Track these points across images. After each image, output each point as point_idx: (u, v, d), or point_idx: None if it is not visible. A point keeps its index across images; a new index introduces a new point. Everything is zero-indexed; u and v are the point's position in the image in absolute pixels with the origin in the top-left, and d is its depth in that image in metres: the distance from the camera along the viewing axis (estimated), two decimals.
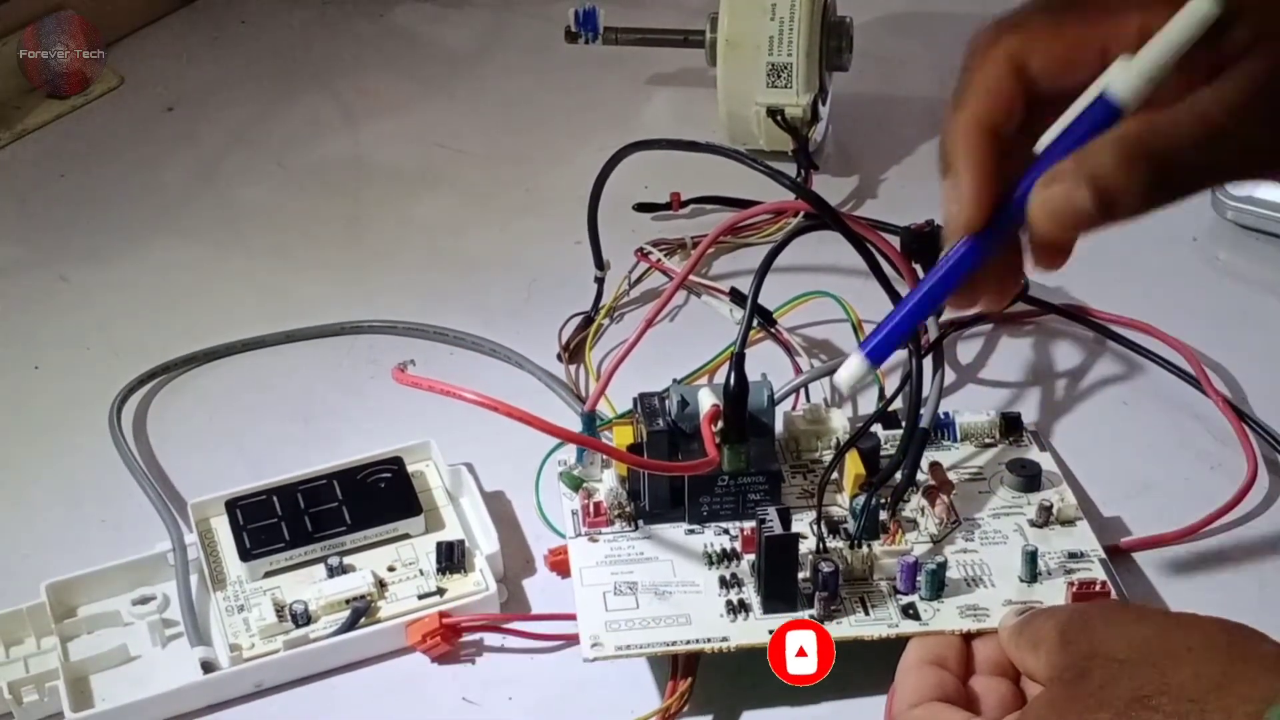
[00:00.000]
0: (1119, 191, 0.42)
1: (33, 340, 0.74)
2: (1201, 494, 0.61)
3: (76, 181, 0.87)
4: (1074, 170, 0.42)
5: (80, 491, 0.64)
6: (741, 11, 0.80)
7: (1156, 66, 0.43)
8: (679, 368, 0.63)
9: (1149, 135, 0.42)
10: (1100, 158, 0.42)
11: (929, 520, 0.56)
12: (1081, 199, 0.42)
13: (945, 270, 0.46)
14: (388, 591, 0.57)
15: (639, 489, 0.57)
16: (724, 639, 0.52)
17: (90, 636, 0.56)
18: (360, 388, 0.70)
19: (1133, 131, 0.42)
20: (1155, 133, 0.42)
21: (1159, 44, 0.43)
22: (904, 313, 0.47)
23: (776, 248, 0.60)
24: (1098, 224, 0.43)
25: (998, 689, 0.49)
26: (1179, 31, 0.42)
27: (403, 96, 0.94)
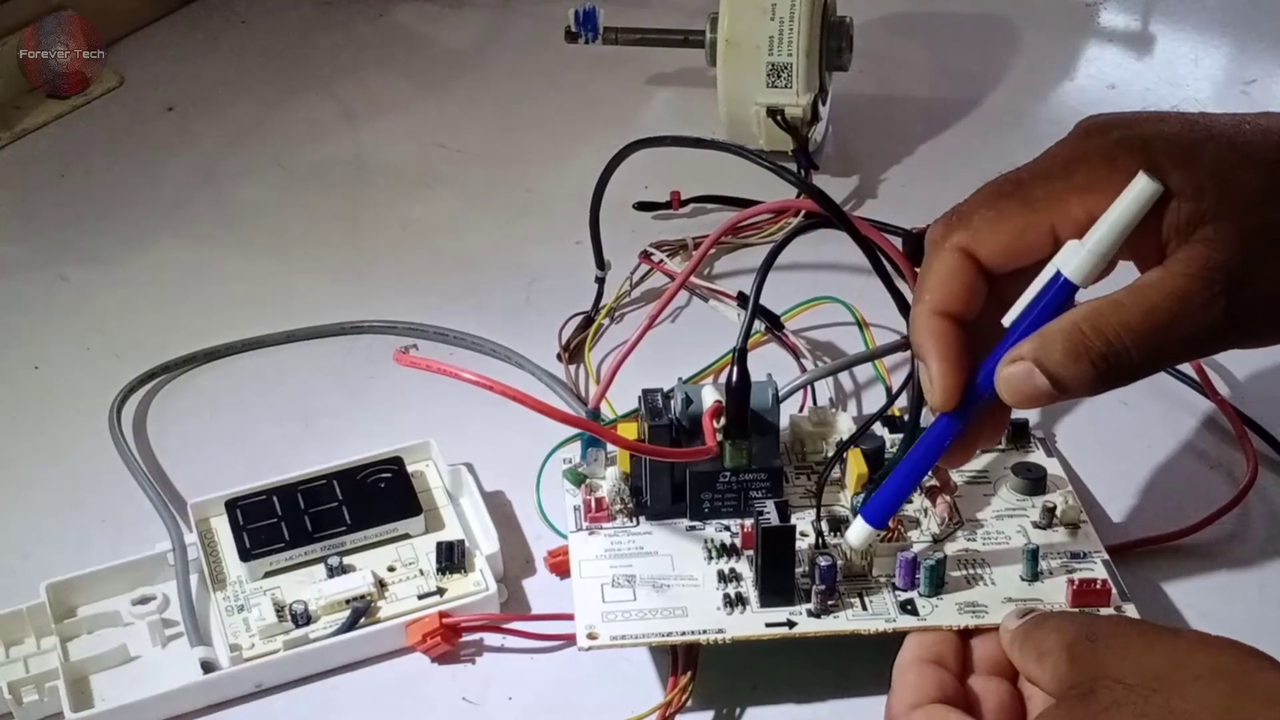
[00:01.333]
0: (1070, 379, 0.46)
1: (33, 340, 0.74)
2: (1201, 494, 0.61)
3: (76, 181, 0.87)
4: (1030, 354, 0.46)
5: (80, 491, 0.64)
6: (741, 11, 0.80)
7: (1105, 246, 0.46)
8: (680, 368, 0.63)
9: (1094, 333, 0.45)
10: (1051, 349, 0.46)
11: (931, 520, 0.56)
12: (1040, 380, 0.46)
13: (930, 443, 0.51)
14: (388, 591, 0.57)
15: (641, 485, 0.57)
16: (720, 631, 0.52)
17: (90, 636, 0.56)
18: (360, 388, 0.70)
19: (1080, 327, 0.46)
20: (1098, 329, 0.45)
21: (1106, 225, 0.46)
22: (897, 482, 0.52)
23: (778, 247, 0.60)
24: (1058, 400, 0.47)
25: (997, 690, 0.49)
26: (1124, 210, 0.46)
27: (403, 96, 0.94)
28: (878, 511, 0.52)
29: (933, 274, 0.49)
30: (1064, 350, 0.46)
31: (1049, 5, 1.02)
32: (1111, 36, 0.98)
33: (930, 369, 0.49)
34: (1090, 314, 0.46)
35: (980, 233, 0.48)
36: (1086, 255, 0.46)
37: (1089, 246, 0.46)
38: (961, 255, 0.48)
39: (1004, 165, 0.87)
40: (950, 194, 0.81)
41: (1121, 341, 0.45)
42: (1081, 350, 0.45)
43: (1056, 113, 0.91)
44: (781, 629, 0.52)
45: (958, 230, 0.48)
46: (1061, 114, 0.90)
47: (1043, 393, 0.46)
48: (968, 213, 0.49)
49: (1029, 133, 0.88)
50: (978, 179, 0.83)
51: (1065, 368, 0.46)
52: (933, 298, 0.49)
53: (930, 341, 0.48)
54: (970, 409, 0.49)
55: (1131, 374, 0.46)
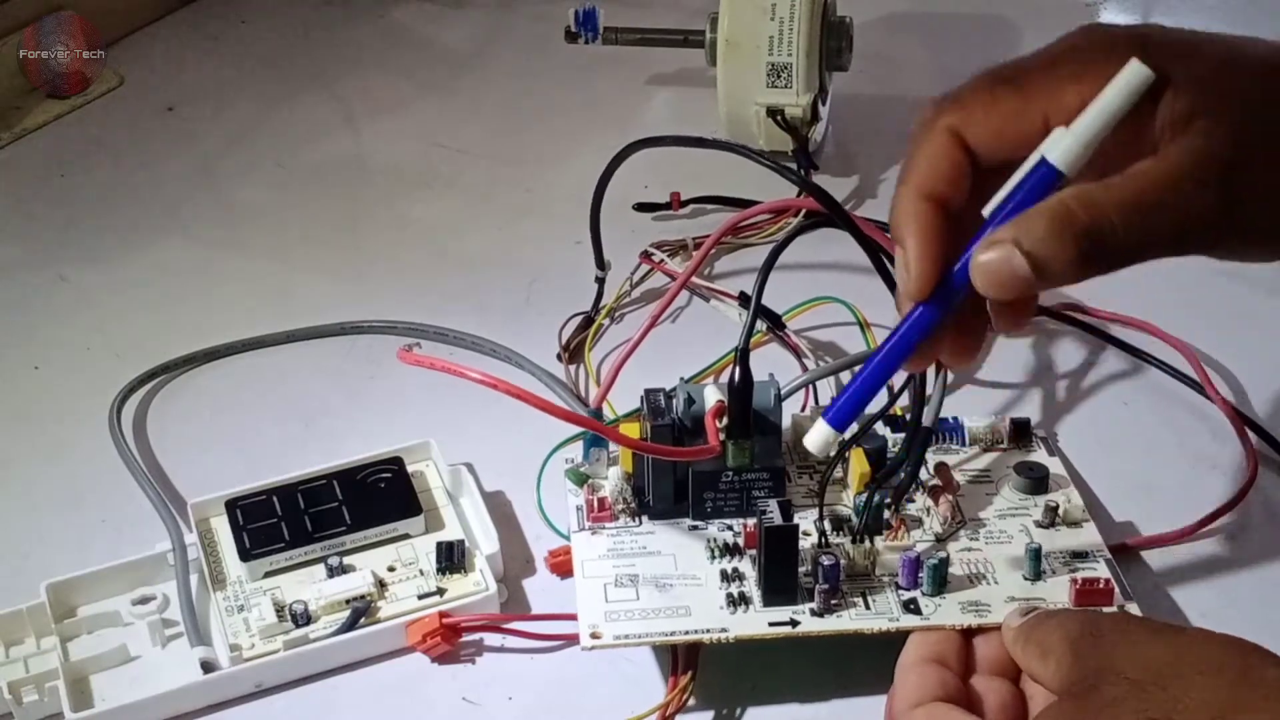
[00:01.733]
0: (1052, 259, 0.43)
1: (33, 340, 0.74)
2: (1201, 494, 0.61)
3: (76, 181, 0.87)
4: (1009, 236, 0.44)
5: (80, 491, 0.64)
6: (741, 11, 0.80)
7: (1093, 131, 0.44)
8: (681, 368, 0.63)
9: (1081, 208, 0.43)
10: (1034, 227, 0.43)
11: (933, 519, 0.56)
12: (1019, 263, 0.43)
13: (899, 336, 0.47)
14: (388, 591, 0.57)
15: (644, 484, 0.57)
16: (723, 630, 0.52)
17: (90, 636, 0.56)
18: (360, 388, 0.70)
19: (1066, 203, 0.43)
20: (1088, 205, 0.43)
21: (1095, 110, 0.45)
22: (862, 379, 0.48)
23: (779, 246, 0.60)
24: (1036, 288, 0.44)
25: (999, 690, 0.49)
26: (1114, 97, 0.44)
27: (403, 96, 0.94)
28: (841, 411, 0.48)
29: (920, 155, 0.47)
30: (1047, 228, 0.43)
31: (1049, 5, 1.02)
32: None
33: (907, 252, 0.46)
34: (1077, 192, 0.43)
35: (972, 115, 0.46)
36: (1072, 140, 0.44)
37: (1076, 131, 0.44)
38: (951, 137, 0.46)
39: None
40: None
41: (1109, 219, 0.43)
42: (1066, 226, 0.43)
43: None
44: (785, 628, 0.52)
45: (949, 112, 0.46)
46: None
47: (1020, 278, 0.44)
48: (961, 95, 0.47)
49: None
50: None
51: (1047, 246, 0.43)
52: (918, 179, 0.46)
53: (911, 224, 0.46)
54: (948, 300, 0.46)
55: (1115, 258, 0.44)
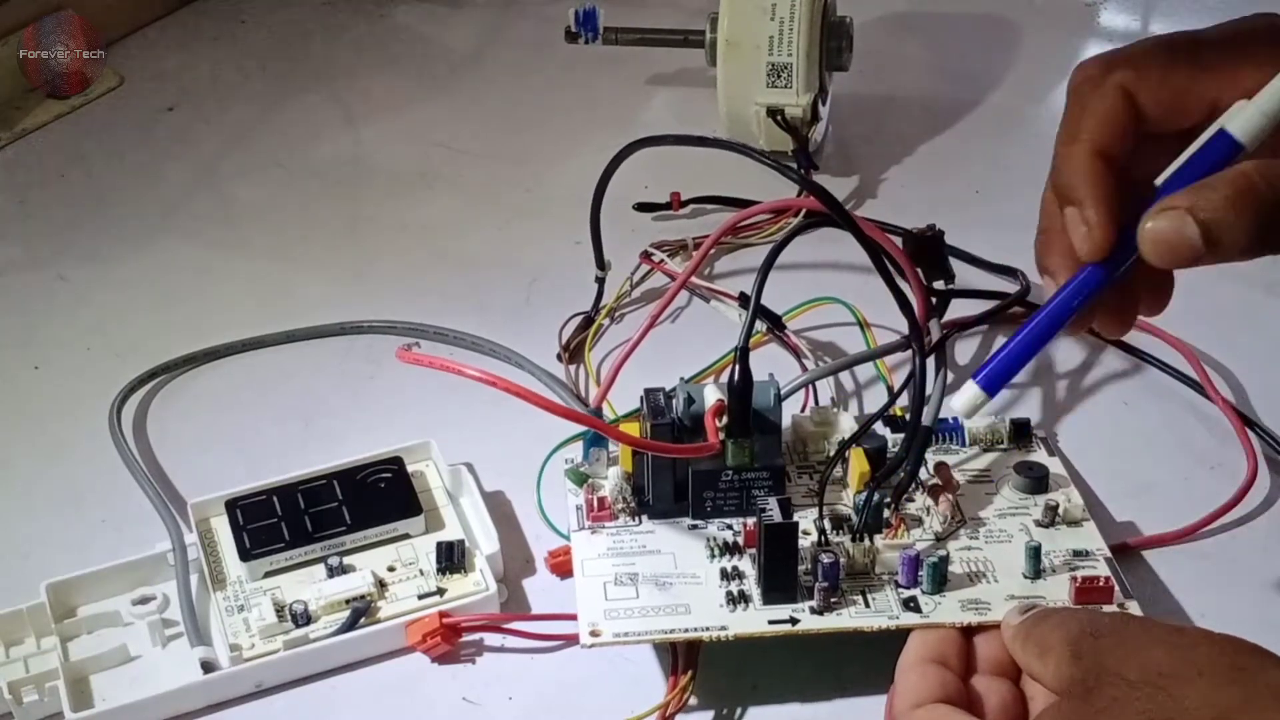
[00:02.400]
0: (1226, 229, 0.42)
1: (33, 340, 0.74)
2: (1201, 494, 0.61)
3: (76, 181, 0.87)
4: (1185, 203, 0.42)
5: (80, 491, 0.64)
6: (741, 11, 0.80)
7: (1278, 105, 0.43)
8: (681, 368, 0.63)
9: (1263, 178, 0.42)
10: (1211, 195, 0.42)
11: (934, 518, 0.56)
12: (1191, 232, 0.42)
13: (1062, 298, 0.46)
14: (388, 591, 0.57)
15: (644, 484, 0.57)
16: (723, 628, 0.52)
17: (90, 636, 0.56)
18: (360, 388, 0.70)
19: (1248, 172, 0.42)
20: (1269, 179, 0.42)
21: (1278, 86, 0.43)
22: (1019, 341, 0.47)
23: (779, 246, 0.60)
24: (1204, 260, 0.43)
25: (999, 690, 0.49)
26: None
27: (403, 96, 0.94)
28: (993, 373, 0.48)
29: (1091, 112, 0.45)
30: (1227, 197, 0.42)
31: (1049, 5, 1.02)
32: (1111, 36, 0.98)
33: (1085, 212, 0.45)
34: (1260, 165, 0.42)
35: (1146, 79, 0.45)
36: (1256, 112, 0.43)
37: (1260, 104, 0.43)
38: (1124, 96, 0.45)
39: (1004, 165, 0.87)
40: (950, 194, 0.81)
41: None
42: (1249, 197, 0.41)
43: (1056, 113, 0.89)
44: (784, 626, 0.52)
45: (1121, 69, 0.45)
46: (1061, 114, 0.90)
47: (1190, 246, 0.42)
48: (1134, 56, 0.45)
49: (1029, 133, 0.88)
50: (978, 179, 0.84)
51: (1225, 216, 0.42)
52: (1092, 135, 0.45)
53: (1088, 183, 0.44)
54: (1115, 267, 0.45)
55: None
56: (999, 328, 0.71)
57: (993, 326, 0.71)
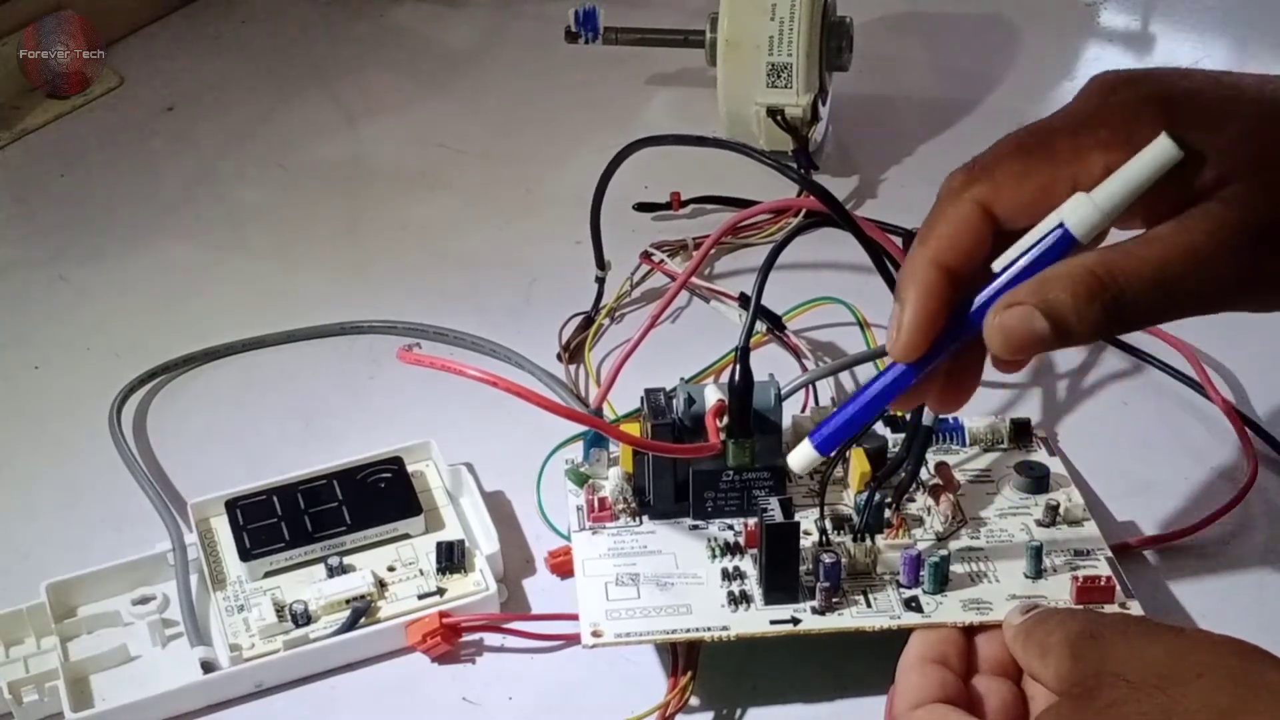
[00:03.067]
0: (1076, 322, 0.44)
1: (33, 340, 0.74)
2: (1201, 494, 0.61)
3: (76, 181, 0.87)
4: (1032, 299, 0.44)
5: (80, 491, 0.64)
6: (741, 11, 0.80)
7: (1115, 203, 0.44)
8: (681, 368, 0.63)
9: (1106, 276, 0.44)
10: (1057, 291, 0.44)
11: (934, 518, 0.56)
12: (1039, 325, 0.44)
13: (882, 388, 0.48)
14: (388, 591, 0.57)
15: (644, 484, 0.57)
16: (724, 628, 0.52)
17: (90, 636, 0.56)
18: (360, 388, 0.70)
19: (1090, 269, 0.44)
20: (1111, 274, 0.44)
21: (1119, 182, 0.44)
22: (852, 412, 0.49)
23: (779, 246, 0.60)
24: (1052, 348, 0.45)
25: (1000, 690, 0.48)
26: (1139, 171, 0.44)
27: (403, 96, 0.94)
28: (827, 440, 0.50)
29: (943, 222, 0.46)
30: (1074, 293, 0.44)
31: (1049, 5, 1.02)
32: (1111, 36, 0.98)
33: (904, 316, 0.46)
34: (1102, 260, 0.44)
35: (1002, 188, 0.46)
36: (1093, 210, 0.44)
37: (1098, 202, 0.44)
38: (978, 209, 0.46)
39: None
40: None
41: (1133, 289, 0.43)
42: (1095, 293, 0.43)
43: None
44: (786, 626, 0.52)
45: (979, 182, 0.46)
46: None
47: (1039, 338, 0.44)
48: (990, 165, 0.46)
49: None
50: None
51: (1073, 311, 0.44)
52: (938, 246, 0.46)
53: (917, 290, 0.46)
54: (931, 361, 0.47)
55: (1136, 323, 0.45)
56: None
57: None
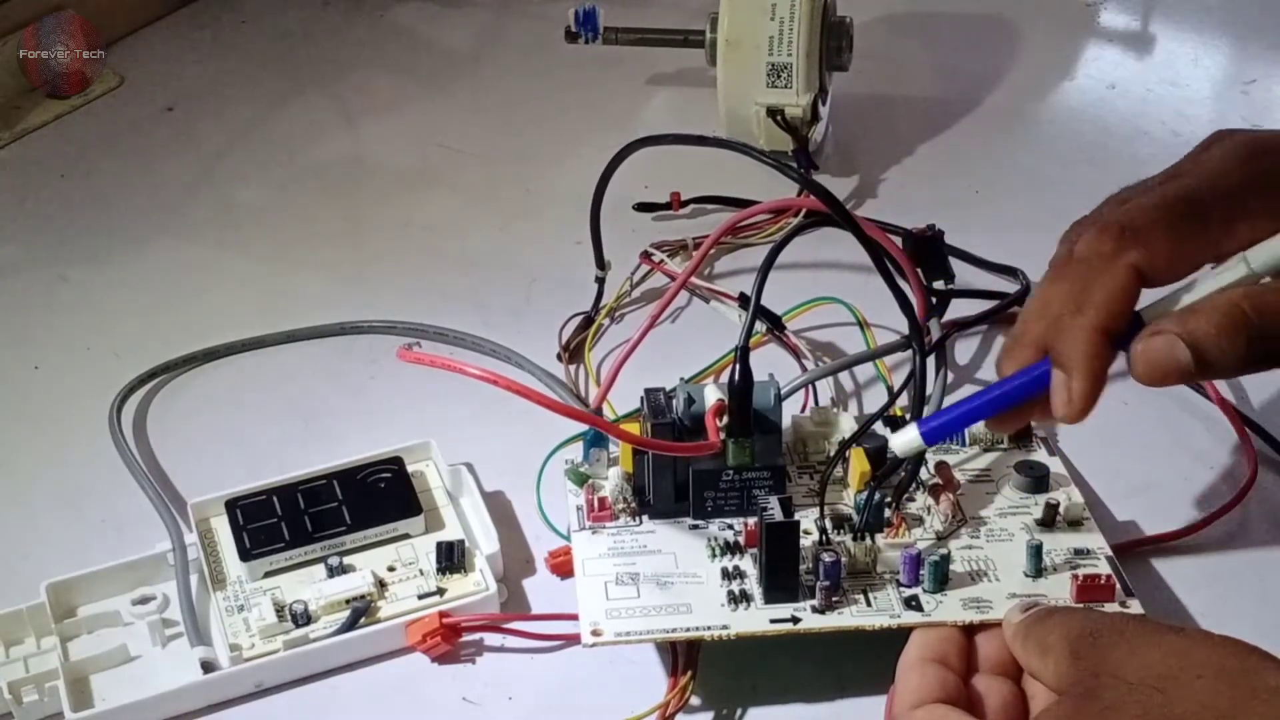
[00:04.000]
0: (1218, 354, 0.45)
1: (33, 340, 0.74)
2: (1201, 494, 0.61)
3: (76, 181, 0.87)
4: (1176, 328, 0.45)
5: (80, 491, 0.64)
6: (741, 11, 0.80)
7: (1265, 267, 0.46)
8: (681, 368, 0.63)
9: (1253, 311, 0.45)
10: (1201, 321, 0.45)
11: (934, 517, 0.56)
12: (1182, 354, 0.45)
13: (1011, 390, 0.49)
14: (388, 591, 0.57)
15: (644, 484, 0.57)
16: (724, 627, 0.52)
17: (90, 636, 0.56)
18: (360, 388, 0.70)
19: (1237, 301, 0.45)
20: (1258, 309, 0.45)
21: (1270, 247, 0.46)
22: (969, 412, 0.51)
23: (778, 246, 0.60)
24: (1194, 379, 0.46)
25: (1000, 690, 0.48)
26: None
27: (403, 96, 0.94)
28: (936, 431, 0.52)
29: (1102, 290, 0.47)
30: (1218, 325, 0.45)
31: (1049, 5, 1.02)
32: (1111, 36, 0.98)
33: (1074, 384, 0.47)
34: (1248, 293, 0.45)
35: (1156, 253, 0.47)
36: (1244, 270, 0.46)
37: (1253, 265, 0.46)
38: (1134, 274, 0.47)
39: (1004, 165, 0.87)
40: (950, 194, 0.81)
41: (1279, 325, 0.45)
42: (1239, 325, 0.45)
43: (1056, 113, 0.91)
44: (786, 625, 0.52)
45: (1133, 248, 0.47)
46: (1061, 114, 0.91)
47: (1181, 368, 0.45)
48: (1144, 230, 0.47)
49: (1029, 133, 0.88)
50: (978, 179, 0.84)
51: (1218, 343, 0.45)
52: (1099, 315, 0.47)
53: (1086, 359, 0.47)
54: None
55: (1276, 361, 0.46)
56: (999, 327, 0.71)
57: (992, 326, 0.71)
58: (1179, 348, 0.45)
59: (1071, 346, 0.47)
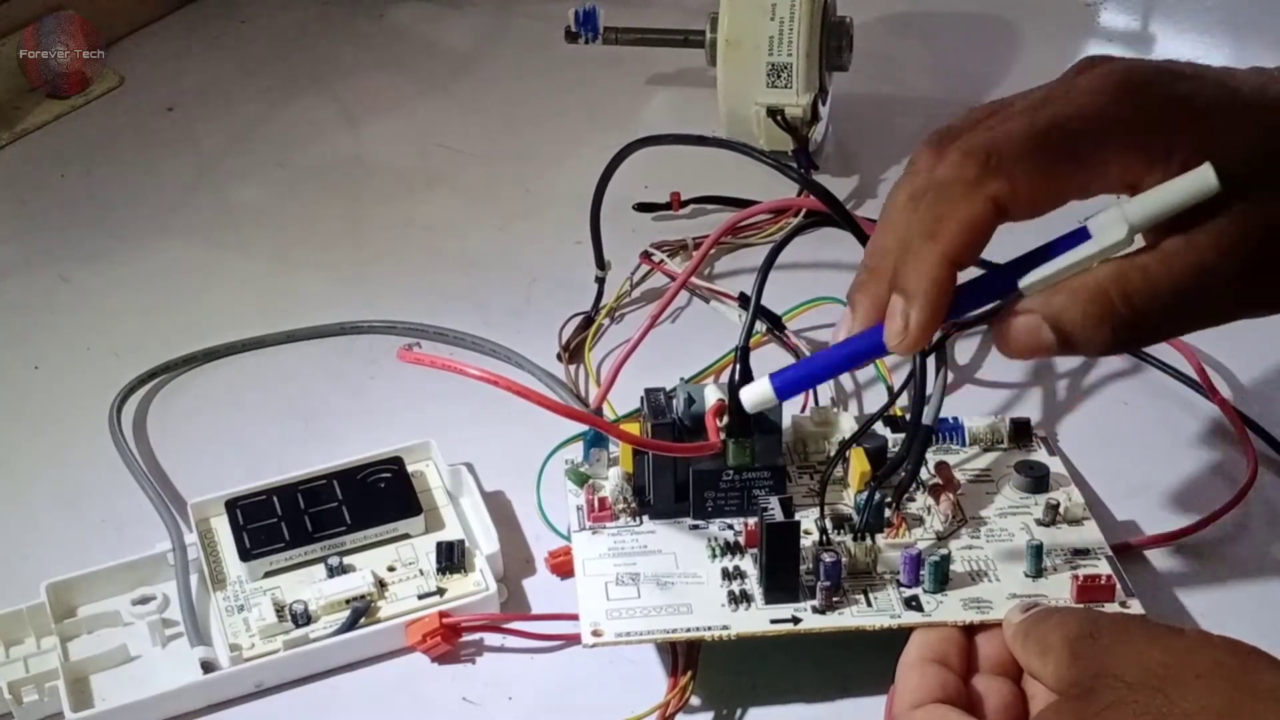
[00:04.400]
0: (1083, 339, 0.45)
1: (33, 340, 0.74)
2: (1201, 494, 0.61)
3: (76, 181, 0.87)
4: (1042, 311, 0.45)
5: (80, 491, 0.64)
6: (741, 11, 0.80)
7: (1144, 222, 0.44)
8: (681, 368, 0.63)
9: (1120, 298, 0.44)
10: (1069, 307, 0.44)
11: (934, 517, 0.56)
12: (1047, 336, 0.45)
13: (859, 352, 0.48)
14: (388, 591, 0.57)
15: (644, 484, 0.57)
16: (725, 627, 0.52)
17: (90, 636, 0.56)
18: (360, 388, 0.70)
19: (1104, 289, 0.44)
20: (1125, 296, 0.44)
21: (1152, 203, 0.44)
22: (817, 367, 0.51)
23: (778, 246, 0.60)
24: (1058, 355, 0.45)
25: (1000, 690, 0.48)
26: (1175, 196, 0.44)
27: (403, 96, 0.94)
28: (787, 384, 0.51)
29: (957, 219, 0.45)
30: (1086, 313, 0.44)
31: (1049, 5, 1.02)
32: (1111, 36, 0.98)
33: (914, 315, 0.46)
34: (1117, 278, 0.44)
35: (1020, 187, 0.45)
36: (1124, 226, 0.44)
37: (1132, 221, 0.44)
38: (994, 207, 0.45)
39: None
40: None
41: (1146, 311, 0.44)
42: (1107, 315, 0.44)
43: None
44: (786, 625, 0.52)
45: (996, 179, 0.44)
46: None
47: (1045, 348, 0.45)
48: (1009, 160, 0.45)
49: None
50: None
51: (1084, 330, 0.44)
52: (952, 245, 0.45)
53: (929, 288, 0.45)
54: None
55: (1145, 342, 0.46)
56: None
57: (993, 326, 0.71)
58: (1044, 331, 0.45)
59: (916, 272, 0.45)
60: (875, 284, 0.47)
